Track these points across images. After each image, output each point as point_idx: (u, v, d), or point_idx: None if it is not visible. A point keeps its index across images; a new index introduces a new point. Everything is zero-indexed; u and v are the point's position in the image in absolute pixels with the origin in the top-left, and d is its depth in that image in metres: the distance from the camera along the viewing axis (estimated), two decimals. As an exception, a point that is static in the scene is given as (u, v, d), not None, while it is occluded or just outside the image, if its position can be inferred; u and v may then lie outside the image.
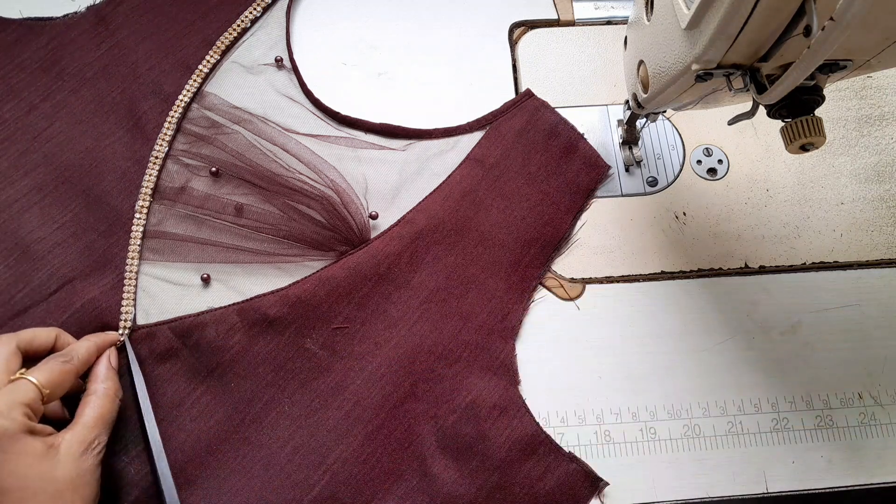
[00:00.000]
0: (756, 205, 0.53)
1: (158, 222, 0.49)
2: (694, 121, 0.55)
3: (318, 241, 0.49)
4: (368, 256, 0.48)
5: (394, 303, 0.47)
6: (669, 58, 0.36)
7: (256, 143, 0.51)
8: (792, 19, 0.30)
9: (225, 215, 0.49)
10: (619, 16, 0.59)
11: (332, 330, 0.46)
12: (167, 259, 0.48)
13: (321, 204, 0.49)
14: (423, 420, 0.45)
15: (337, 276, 0.47)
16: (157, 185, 0.50)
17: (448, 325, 0.47)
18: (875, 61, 0.33)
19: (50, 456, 0.36)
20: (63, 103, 0.51)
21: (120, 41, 0.53)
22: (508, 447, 0.44)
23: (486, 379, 0.46)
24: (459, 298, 0.48)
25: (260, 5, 0.55)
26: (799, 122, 0.33)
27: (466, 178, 0.51)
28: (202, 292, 0.48)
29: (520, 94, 0.54)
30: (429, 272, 0.48)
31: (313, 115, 0.53)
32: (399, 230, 0.49)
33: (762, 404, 0.47)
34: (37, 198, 0.48)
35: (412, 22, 0.57)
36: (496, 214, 0.50)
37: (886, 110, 0.56)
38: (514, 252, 0.49)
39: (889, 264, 0.51)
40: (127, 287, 0.47)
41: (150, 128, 0.51)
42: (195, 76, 0.52)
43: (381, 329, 0.47)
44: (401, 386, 0.45)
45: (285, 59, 0.54)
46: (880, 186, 0.54)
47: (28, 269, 0.46)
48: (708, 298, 0.50)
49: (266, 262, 0.48)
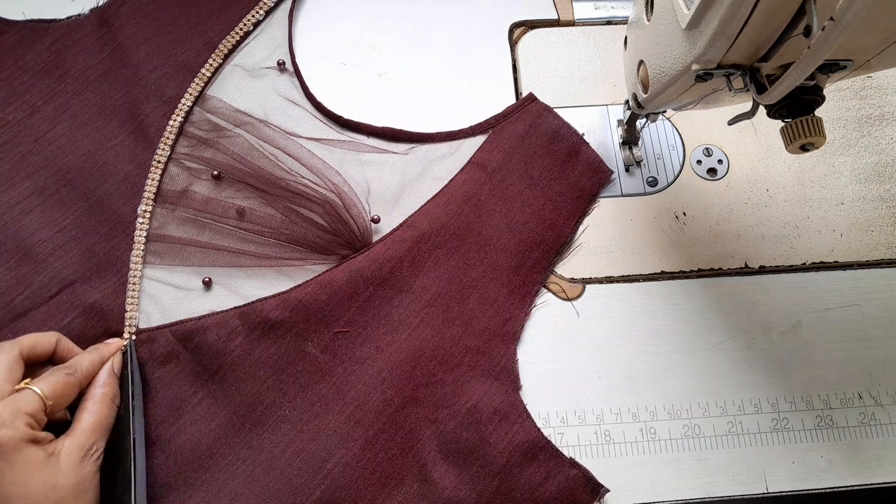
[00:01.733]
0: (756, 205, 0.53)
1: (161, 226, 0.49)
2: (694, 121, 0.55)
3: (320, 244, 0.49)
4: (370, 260, 0.48)
5: (395, 307, 0.47)
6: (669, 58, 0.36)
7: (258, 147, 0.51)
8: (792, 19, 0.30)
9: (227, 219, 0.49)
10: (619, 16, 0.59)
11: (333, 334, 0.46)
12: (169, 262, 0.48)
13: (323, 207, 0.49)
14: (423, 425, 0.45)
15: (338, 280, 0.47)
16: (159, 189, 0.49)
17: (449, 330, 0.47)
18: (875, 61, 0.33)
19: (51, 464, 0.36)
20: (66, 106, 0.51)
21: (122, 44, 0.53)
22: (509, 452, 0.44)
23: (487, 384, 0.46)
24: (461, 303, 0.48)
25: (262, 8, 0.55)
26: (799, 122, 0.33)
27: (468, 183, 0.51)
28: (203, 296, 0.48)
29: (522, 98, 0.54)
30: (431, 276, 0.48)
31: (315, 119, 0.53)
32: (401, 234, 0.49)
33: (762, 404, 0.47)
34: (38, 200, 0.48)
35: (412, 22, 0.57)
36: (498, 218, 0.50)
37: (886, 110, 0.56)
38: (516, 256, 0.49)
39: (889, 264, 0.51)
40: (131, 291, 0.47)
41: (152, 131, 0.51)
42: (197, 79, 0.52)
43: (383, 333, 0.47)
44: (402, 390, 0.45)
45: (288, 62, 0.54)
46: (880, 186, 0.54)
47: (29, 272, 0.46)
48: (708, 298, 0.50)
49: (268, 265, 0.48)
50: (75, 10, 0.54)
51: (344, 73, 0.55)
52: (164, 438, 0.43)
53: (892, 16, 0.29)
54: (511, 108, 0.54)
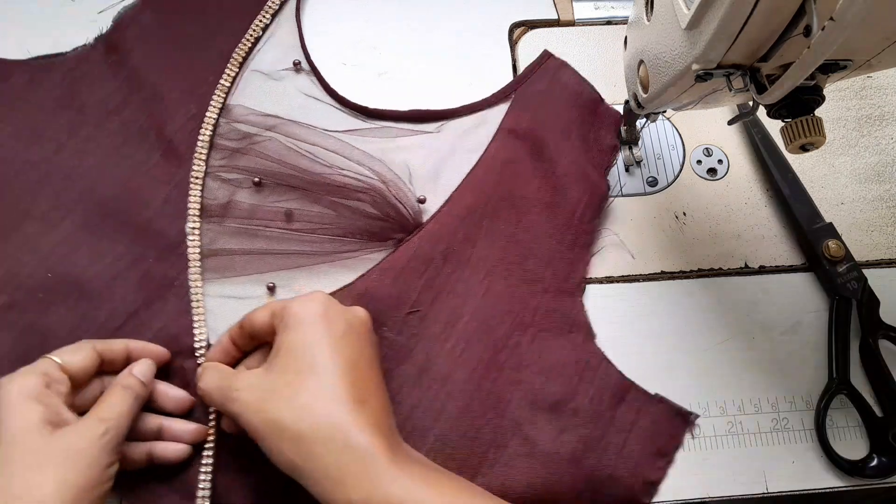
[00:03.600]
0: (756, 205, 0.53)
1: (211, 241, 0.48)
2: (694, 121, 0.55)
3: (373, 232, 0.49)
4: (425, 240, 0.48)
5: (458, 280, 0.48)
6: (669, 58, 0.36)
7: (294, 146, 0.51)
8: (792, 19, 0.30)
9: (276, 222, 0.49)
10: (619, 16, 0.59)
11: (405, 315, 0.47)
12: (228, 275, 0.48)
13: (370, 195, 0.49)
14: (510, 387, 0.46)
15: (399, 264, 0.48)
16: (202, 205, 0.49)
17: (515, 293, 0.48)
18: (875, 61, 0.33)
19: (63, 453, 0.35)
20: (90, 138, 0.50)
21: (136, 67, 0.52)
22: (598, 398, 0.45)
23: (562, 338, 0.47)
24: (520, 266, 0.49)
25: (268, 12, 0.55)
26: (799, 122, 0.33)
27: (503, 149, 0.52)
28: (270, 301, 0.47)
29: (538, 57, 0.55)
30: (485, 245, 0.49)
31: (342, 113, 0.53)
32: (449, 210, 0.50)
33: (762, 404, 0.47)
34: (84, 236, 0.47)
35: (412, 22, 0.57)
36: (539, 178, 0.51)
37: (886, 110, 0.56)
38: (563, 211, 0.50)
39: (889, 264, 0.51)
40: (196, 310, 0.46)
41: (182, 149, 0.50)
42: (218, 91, 0.52)
43: (452, 308, 0.47)
44: (482, 359, 0.46)
45: (303, 61, 0.54)
46: (880, 186, 0.54)
47: (90, 308, 0.45)
48: (708, 298, 0.50)
49: (326, 261, 0.48)
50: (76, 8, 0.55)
51: (344, 73, 0.55)
52: None
53: (892, 16, 0.29)
54: (528, 69, 0.55)
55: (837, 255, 0.49)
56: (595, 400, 0.45)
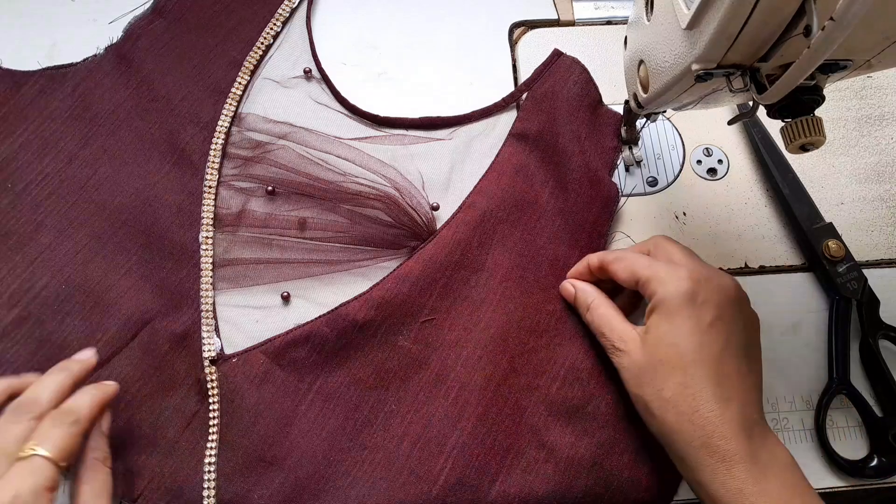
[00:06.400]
0: (756, 205, 0.53)
1: (225, 250, 0.48)
2: (694, 121, 0.55)
3: (388, 240, 0.49)
4: (439, 247, 0.48)
5: (473, 287, 0.48)
6: (669, 58, 0.36)
7: (307, 154, 0.50)
8: (792, 19, 0.30)
9: (290, 231, 0.49)
10: (619, 16, 0.59)
11: (421, 323, 0.47)
12: (242, 285, 0.48)
13: (384, 203, 0.49)
14: (527, 393, 0.45)
15: (414, 271, 0.47)
16: (215, 214, 0.49)
17: (530, 299, 0.48)
18: (875, 61, 0.33)
19: None
20: (103, 148, 0.50)
21: (147, 77, 0.52)
22: (616, 401, 0.45)
23: (578, 343, 0.47)
24: (535, 271, 0.49)
25: (279, 20, 0.55)
26: (799, 122, 0.33)
27: (515, 154, 0.51)
28: (284, 311, 0.47)
29: (549, 56, 0.55)
30: (500, 251, 0.49)
31: (353, 121, 0.53)
32: (463, 216, 0.49)
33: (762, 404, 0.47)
34: (97, 247, 0.47)
35: (412, 22, 0.57)
36: (552, 182, 0.51)
37: (886, 110, 0.56)
38: (576, 215, 0.50)
39: (889, 264, 0.51)
40: (205, 320, 0.46)
41: (195, 158, 0.50)
42: (230, 99, 0.52)
43: (468, 314, 0.47)
44: (499, 365, 0.46)
45: (314, 69, 0.54)
46: (880, 186, 0.54)
47: (103, 319, 0.45)
48: (708, 298, 0.50)
49: (341, 270, 0.48)
50: (76, 9, 0.55)
51: (344, 73, 0.55)
52: (279, 458, 0.43)
53: (892, 16, 0.29)
54: (538, 69, 0.54)
55: (837, 255, 0.49)
56: (614, 403, 0.45)
